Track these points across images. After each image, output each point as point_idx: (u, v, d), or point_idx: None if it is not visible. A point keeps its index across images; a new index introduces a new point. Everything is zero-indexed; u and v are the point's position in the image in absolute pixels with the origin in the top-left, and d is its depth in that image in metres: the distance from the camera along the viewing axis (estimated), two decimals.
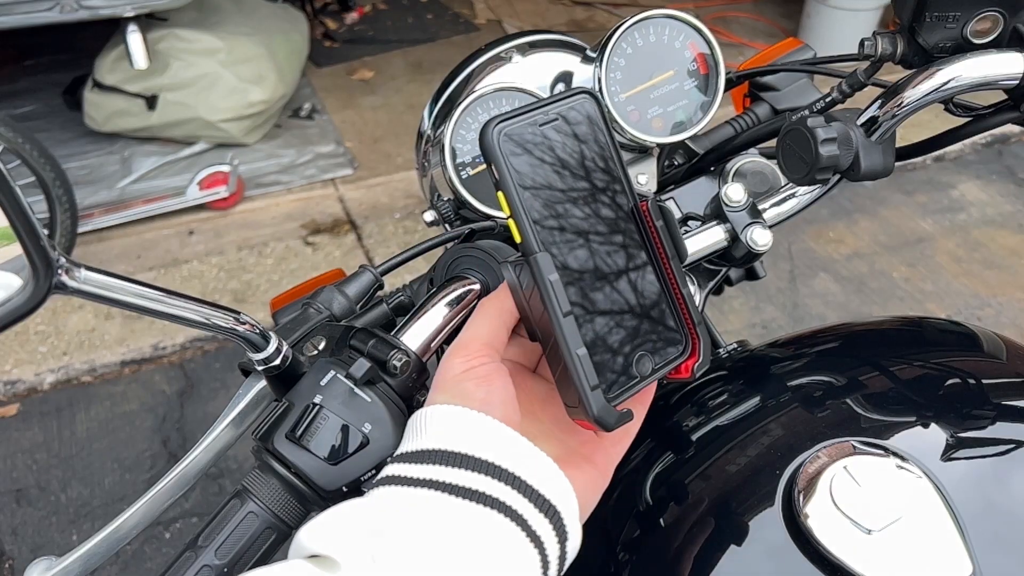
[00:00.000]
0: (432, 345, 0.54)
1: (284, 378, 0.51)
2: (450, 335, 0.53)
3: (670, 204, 0.73)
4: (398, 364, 0.50)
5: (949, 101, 0.60)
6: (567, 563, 0.44)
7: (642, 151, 0.75)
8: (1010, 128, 0.80)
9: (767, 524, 0.54)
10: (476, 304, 0.50)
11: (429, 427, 0.44)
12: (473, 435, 0.42)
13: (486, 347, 0.46)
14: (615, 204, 0.47)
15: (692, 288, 0.72)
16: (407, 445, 0.44)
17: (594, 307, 0.45)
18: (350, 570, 0.37)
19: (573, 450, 0.48)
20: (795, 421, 0.62)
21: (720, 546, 0.55)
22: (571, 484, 0.44)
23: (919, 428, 0.59)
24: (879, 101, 0.59)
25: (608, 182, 0.47)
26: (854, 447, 0.56)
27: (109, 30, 2.79)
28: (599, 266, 0.45)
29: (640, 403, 0.51)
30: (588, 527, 0.45)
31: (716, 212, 0.62)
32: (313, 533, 0.39)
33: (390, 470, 0.43)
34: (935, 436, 0.58)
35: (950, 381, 0.65)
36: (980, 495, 0.54)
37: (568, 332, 0.42)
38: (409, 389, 0.52)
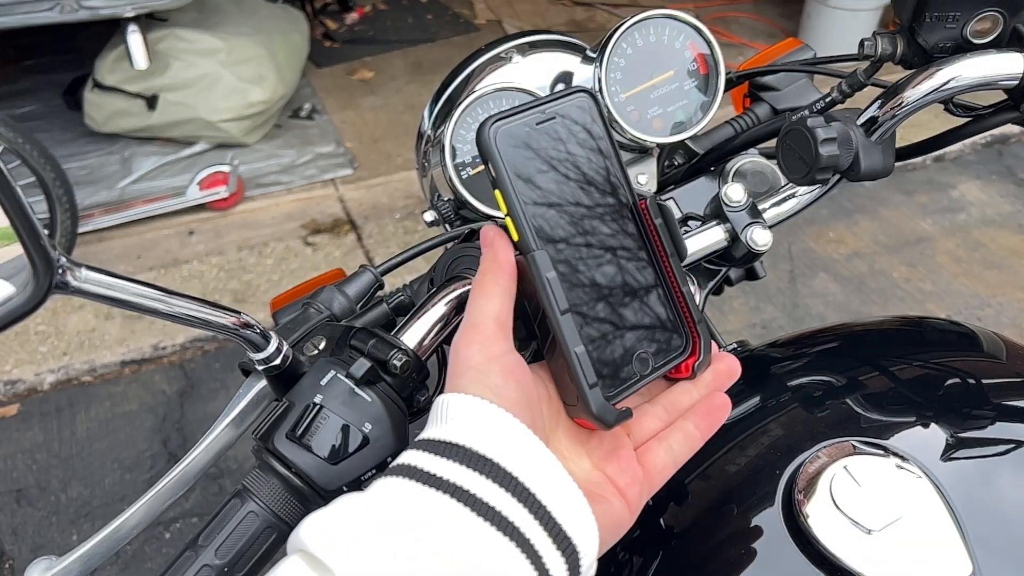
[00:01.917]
0: (432, 345, 0.54)
1: (284, 378, 0.52)
2: (450, 335, 0.53)
3: (670, 204, 0.73)
4: (398, 364, 0.50)
5: (949, 101, 0.60)
6: None
7: (642, 151, 0.75)
8: (1010, 128, 0.80)
9: (767, 524, 0.54)
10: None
11: (455, 416, 0.40)
12: (503, 441, 0.39)
13: (499, 328, 0.43)
14: (614, 202, 0.47)
15: (692, 288, 0.72)
16: (430, 432, 0.40)
17: (593, 306, 0.45)
18: None
19: (608, 479, 0.44)
20: (795, 421, 0.62)
21: (720, 546, 0.55)
22: (596, 522, 0.40)
23: (919, 428, 0.59)
24: (879, 101, 0.59)
25: (607, 180, 0.47)
26: (854, 447, 0.56)
27: (109, 30, 2.79)
28: (598, 265, 0.45)
29: (684, 450, 0.47)
30: None
31: (716, 212, 0.62)
32: (314, 533, 0.37)
33: (408, 457, 0.39)
34: (935, 436, 0.58)
35: (950, 381, 0.65)
36: (980, 495, 0.54)
37: (566, 330, 0.42)
38: (409, 389, 0.52)
